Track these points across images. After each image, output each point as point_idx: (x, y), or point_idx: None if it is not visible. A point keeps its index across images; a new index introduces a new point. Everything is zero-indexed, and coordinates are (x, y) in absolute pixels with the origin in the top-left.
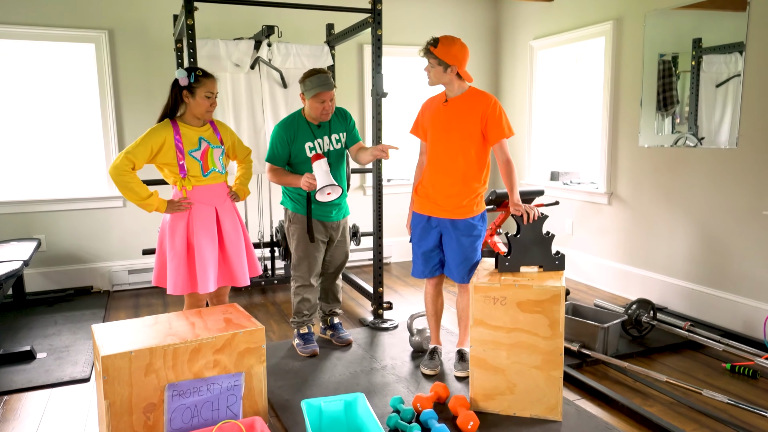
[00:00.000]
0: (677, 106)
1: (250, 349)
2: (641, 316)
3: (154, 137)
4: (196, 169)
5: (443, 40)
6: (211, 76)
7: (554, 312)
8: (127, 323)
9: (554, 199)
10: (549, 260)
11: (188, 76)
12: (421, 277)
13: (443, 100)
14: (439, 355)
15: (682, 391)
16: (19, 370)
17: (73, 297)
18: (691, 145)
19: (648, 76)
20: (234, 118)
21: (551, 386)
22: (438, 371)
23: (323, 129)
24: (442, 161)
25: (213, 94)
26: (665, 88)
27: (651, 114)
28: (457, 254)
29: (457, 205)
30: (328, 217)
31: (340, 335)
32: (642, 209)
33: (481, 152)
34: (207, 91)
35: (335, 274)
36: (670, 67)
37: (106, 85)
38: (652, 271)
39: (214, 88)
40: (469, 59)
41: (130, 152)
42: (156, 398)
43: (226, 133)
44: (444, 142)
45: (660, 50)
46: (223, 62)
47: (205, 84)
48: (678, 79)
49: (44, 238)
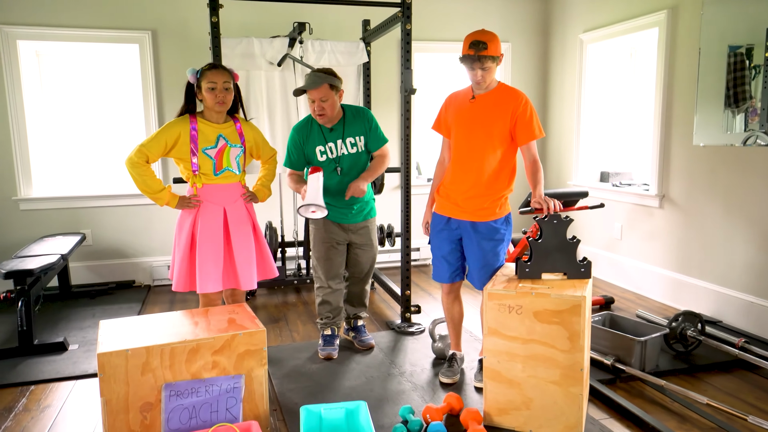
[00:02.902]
0: (750, 101)
1: (250, 352)
2: (686, 330)
3: (169, 131)
4: (208, 167)
5: (484, 36)
6: (217, 67)
7: (574, 324)
8: (134, 320)
9: (599, 202)
10: (573, 267)
11: (195, 73)
12: (442, 282)
13: (470, 97)
14: (458, 362)
15: (726, 416)
16: (49, 360)
17: (115, 290)
18: (762, 144)
19: (705, 69)
20: (268, 116)
21: (570, 404)
22: (457, 380)
23: (336, 132)
24: (466, 161)
25: (216, 84)
26: (737, 82)
27: (709, 109)
28: (478, 258)
29: (478, 207)
30: (344, 219)
31: (362, 338)
32: (696, 213)
33: (508, 153)
34: (208, 81)
35: (361, 279)
36: (743, 59)
37: (149, 83)
38: (707, 281)
39: (217, 77)
40: (516, 56)
41: (145, 145)
42: (153, 398)
43: (250, 133)
44: (468, 141)
45: (731, 41)
46: (257, 60)
47: (207, 75)
48: (755, 72)
49: (90, 232)
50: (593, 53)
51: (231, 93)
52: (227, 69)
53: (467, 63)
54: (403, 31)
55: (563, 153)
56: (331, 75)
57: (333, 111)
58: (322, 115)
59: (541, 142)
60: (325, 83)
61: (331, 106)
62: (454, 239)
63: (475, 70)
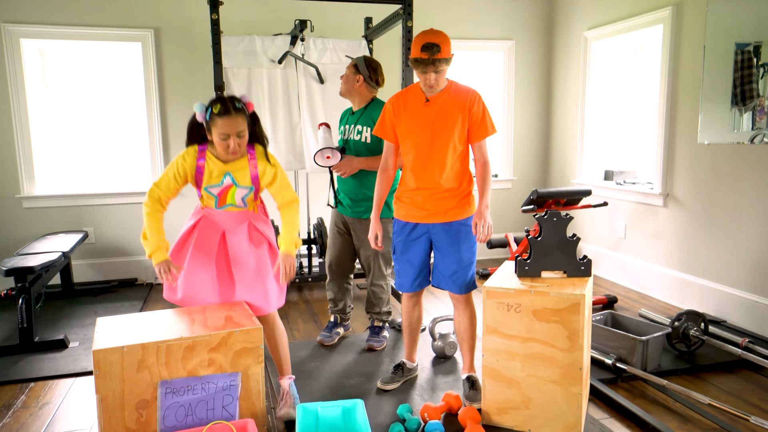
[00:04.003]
0: (757, 99)
1: (246, 349)
2: (689, 330)
3: (176, 167)
4: (210, 201)
5: (437, 38)
6: (229, 113)
7: (573, 322)
8: (131, 317)
9: (603, 200)
10: (573, 265)
11: (205, 111)
12: (407, 291)
13: (423, 100)
14: (404, 372)
15: (728, 416)
16: (50, 357)
17: (117, 288)
18: None
19: (711, 67)
20: (270, 114)
21: (570, 403)
22: (395, 388)
23: (355, 116)
24: (428, 164)
25: (228, 136)
26: (744, 80)
27: (714, 107)
28: (454, 260)
29: (448, 207)
30: (345, 211)
31: (369, 339)
32: (701, 212)
33: (467, 149)
34: (220, 133)
35: (370, 278)
36: (750, 57)
37: (151, 82)
38: (711, 280)
39: (230, 128)
40: (520, 54)
41: (157, 183)
42: (149, 395)
43: (267, 173)
44: (430, 144)
45: (738, 39)
46: (259, 58)
47: (217, 125)
48: (763, 71)
49: (93, 230)
50: (597, 51)
51: (245, 137)
52: (241, 109)
53: (419, 67)
54: (405, 28)
55: (567, 151)
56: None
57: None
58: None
59: (544, 141)
60: (351, 62)
61: (344, 82)
62: (421, 246)
63: (428, 73)
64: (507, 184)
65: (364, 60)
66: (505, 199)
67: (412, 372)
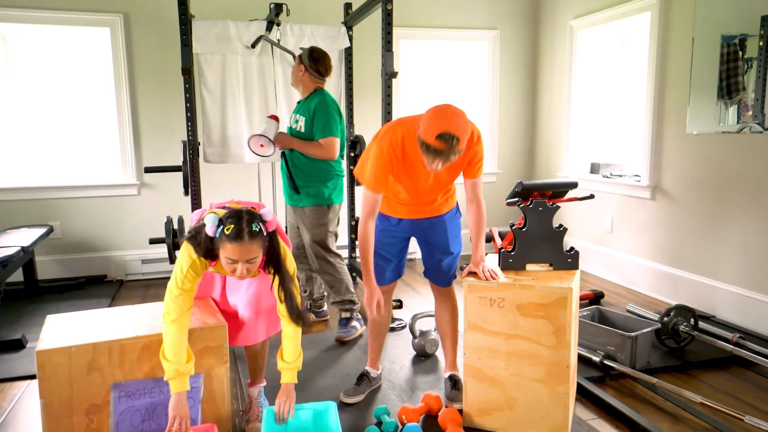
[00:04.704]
0: (743, 93)
1: (209, 348)
2: (679, 325)
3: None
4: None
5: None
6: (241, 239)
7: (560, 318)
8: (86, 314)
9: (589, 193)
10: (560, 257)
11: (216, 227)
12: (382, 284)
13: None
14: (370, 381)
15: (722, 416)
16: (4, 358)
17: (85, 285)
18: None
19: (700, 56)
20: (245, 103)
21: (556, 403)
22: (359, 400)
23: (297, 105)
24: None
25: (236, 261)
26: (729, 73)
27: (702, 98)
28: (442, 249)
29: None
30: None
31: (338, 331)
32: (689, 204)
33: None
34: (227, 257)
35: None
36: (736, 50)
37: (121, 70)
38: (700, 275)
39: (239, 255)
40: (505, 43)
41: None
42: (100, 399)
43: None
44: (426, 190)
45: (724, 31)
46: (233, 44)
47: (226, 248)
48: (747, 66)
49: (59, 225)
50: (583, 40)
51: (258, 262)
52: (258, 233)
53: (429, 154)
54: (384, 11)
55: (552, 144)
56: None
57: (295, 83)
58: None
59: (530, 133)
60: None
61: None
62: (404, 238)
63: (436, 162)
64: (491, 177)
65: (308, 51)
66: (490, 192)
67: (377, 381)
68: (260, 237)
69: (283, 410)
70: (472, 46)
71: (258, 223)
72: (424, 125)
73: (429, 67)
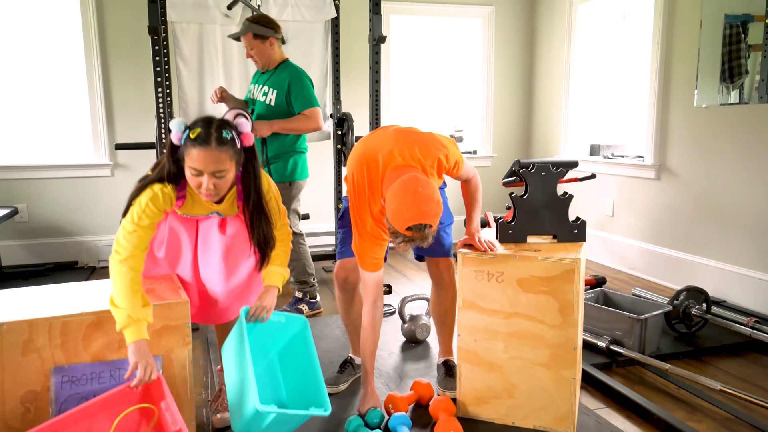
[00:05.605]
0: (746, 77)
1: (169, 328)
2: (690, 308)
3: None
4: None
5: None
6: (208, 143)
7: (566, 293)
8: (28, 290)
9: (590, 172)
10: (565, 228)
11: (182, 130)
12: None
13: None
14: (353, 368)
15: (742, 404)
16: None
17: (53, 272)
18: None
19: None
20: (224, 73)
21: (561, 390)
22: (341, 389)
23: (263, 78)
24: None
25: (201, 173)
26: (732, 56)
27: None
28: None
29: None
30: None
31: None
32: (697, 184)
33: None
34: (191, 167)
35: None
36: (739, 32)
37: (92, 40)
38: (708, 258)
39: (204, 164)
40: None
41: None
42: (39, 385)
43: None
44: None
45: (727, 10)
46: (211, 12)
47: (191, 155)
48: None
49: (26, 207)
50: (583, 16)
51: (228, 179)
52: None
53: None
54: None
55: (550, 125)
56: (260, 24)
57: (262, 58)
58: (251, 57)
59: (526, 115)
60: (248, 32)
61: (258, 54)
62: None
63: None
64: (486, 161)
65: (258, 23)
66: (485, 177)
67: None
68: (231, 147)
69: (258, 313)
70: (465, 22)
71: (230, 131)
72: (392, 212)
73: (421, 46)
